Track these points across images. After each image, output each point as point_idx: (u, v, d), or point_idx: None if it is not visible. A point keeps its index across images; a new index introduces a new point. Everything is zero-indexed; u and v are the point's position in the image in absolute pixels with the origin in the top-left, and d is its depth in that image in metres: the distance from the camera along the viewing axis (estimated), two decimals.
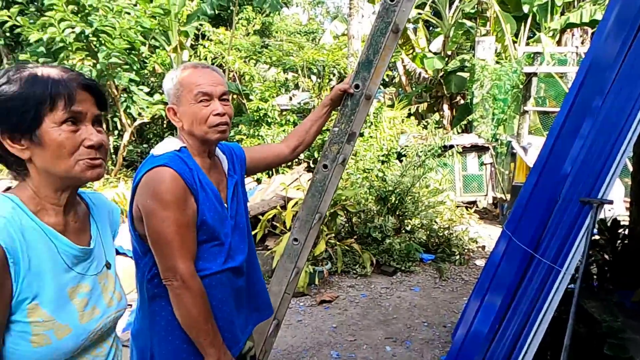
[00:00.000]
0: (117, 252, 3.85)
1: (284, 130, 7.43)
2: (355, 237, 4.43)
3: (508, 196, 6.34)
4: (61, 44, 6.14)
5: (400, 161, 6.15)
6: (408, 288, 3.94)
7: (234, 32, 9.90)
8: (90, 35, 6.22)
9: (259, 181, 6.95)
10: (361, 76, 1.74)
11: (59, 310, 0.84)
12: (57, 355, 0.83)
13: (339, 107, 1.80)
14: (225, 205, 1.42)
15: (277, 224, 4.27)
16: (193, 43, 9.84)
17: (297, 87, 9.88)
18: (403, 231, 4.66)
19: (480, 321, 2.31)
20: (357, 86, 1.75)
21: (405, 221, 4.73)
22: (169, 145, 1.35)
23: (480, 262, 4.54)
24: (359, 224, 4.57)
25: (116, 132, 8.55)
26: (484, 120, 7.23)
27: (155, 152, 1.32)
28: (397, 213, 4.61)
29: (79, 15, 6.36)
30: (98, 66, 6.29)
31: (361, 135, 6.61)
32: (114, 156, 8.13)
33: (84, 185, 0.91)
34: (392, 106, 7.83)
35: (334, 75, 8.24)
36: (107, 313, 0.95)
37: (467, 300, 2.92)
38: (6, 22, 6.27)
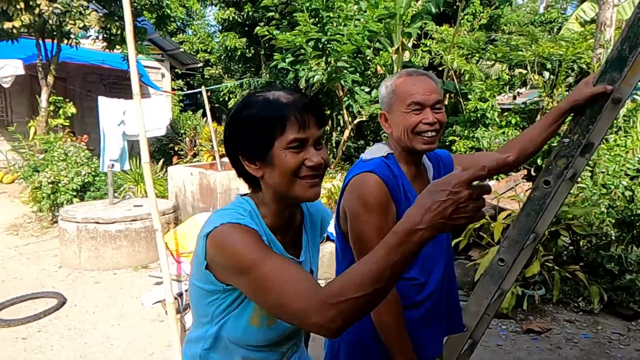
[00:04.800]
0: (328, 238, 4.27)
1: (503, 133, 6.79)
2: (580, 264, 3.71)
3: None
4: (302, 51, 7.13)
5: None
6: None
7: (458, 29, 9.55)
8: (325, 42, 7.02)
9: None
10: (609, 77, 1.42)
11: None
12: (260, 338, 0.95)
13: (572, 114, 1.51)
14: None
15: (484, 235, 3.95)
16: (415, 43, 9.97)
17: (524, 84, 8.88)
18: None
19: None
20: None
21: None
22: (377, 151, 1.40)
23: None
24: (587, 249, 3.81)
25: (339, 128, 9.47)
26: None
27: (365, 157, 1.39)
28: None
29: (318, 25, 7.25)
30: (328, 69, 7.04)
31: (605, 141, 5.45)
32: (334, 149, 9.03)
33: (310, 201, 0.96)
34: None
35: (573, 71, 7.05)
36: None
37: None
38: (265, 35, 7.66)
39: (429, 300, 1.39)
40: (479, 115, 6.93)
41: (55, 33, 6.83)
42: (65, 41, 7.29)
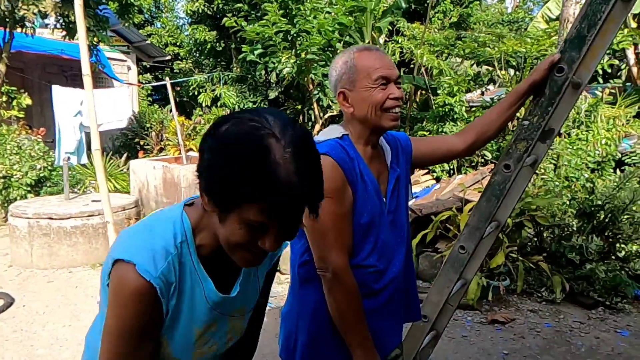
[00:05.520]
0: None
1: None
2: (544, 254, 3.76)
3: None
4: (272, 43, 7.00)
5: (622, 171, 4.97)
6: (612, 329, 3.14)
7: (429, 26, 9.61)
8: (295, 35, 6.91)
9: (437, 179, 6.62)
10: (567, 56, 1.38)
11: (179, 346, 0.84)
12: None
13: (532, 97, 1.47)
14: (384, 199, 1.33)
15: (451, 227, 3.96)
16: (387, 39, 9.98)
17: (492, 81, 9.03)
18: (612, 257, 3.75)
19: None
20: (560, 69, 1.39)
21: (617, 245, 3.78)
22: (331, 132, 1.32)
23: None
24: (550, 240, 3.86)
25: (310, 123, 9.40)
26: None
27: (318, 139, 1.30)
28: (607, 234, 3.72)
29: (288, 17, 7.13)
30: (298, 62, 6.94)
31: (567, 135, 5.59)
32: None
33: None
34: (613, 103, 6.39)
35: None
36: (222, 350, 0.93)
37: None
38: (234, 27, 7.48)
39: (388, 289, 1.32)
40: (447, 109, 6.99)
41: (7, 19, 6.44)
42: (20, 29, 6.89)
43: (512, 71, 6.81)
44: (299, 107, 9.43)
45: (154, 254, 0.74)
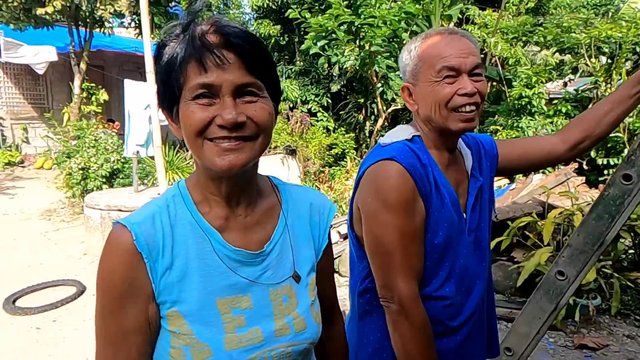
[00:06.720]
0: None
1: (551, 122, 6.24)
2: None
3: None
4: (335, 36, 6.82)
5: None
6: None
7: (502, 13, 8.89)
8: (359, 26, 6.67)
9: (511, 179, 6.09)
10: None
11: (201, 324, 0.69)
12: None
13: None
14: (464, 215, 1.09)
15: (530, 234, 3.55)
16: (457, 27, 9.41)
17: (574, 71, 8.18)
18: None
19: None
20: None
21: None
22: (400, 133, 1.09)
23: None
24: None
25: (372, 117, 9.12)
26: None
27: (383, 141, 1.09)
28: None
29: (352, 8, 6.90)
30: (361, 54, 6.70)
31: None
32: (367, 140, 8.70)
33: (228, 175, 0.69)
34: None
35: (634, 54, 6.36)
36: (272, 345, 0.72)
37: None
38: (298, 19, 7.40)
39: (467, 326, 1.09)
40: (524, 102, 6.41)
41: (87, 20, 6.85)
42: (99, 29, 7.33)
43: (603, 59, 6.06)
44: (362, 100, 9.18)
45: (141, 211, 0.72)
